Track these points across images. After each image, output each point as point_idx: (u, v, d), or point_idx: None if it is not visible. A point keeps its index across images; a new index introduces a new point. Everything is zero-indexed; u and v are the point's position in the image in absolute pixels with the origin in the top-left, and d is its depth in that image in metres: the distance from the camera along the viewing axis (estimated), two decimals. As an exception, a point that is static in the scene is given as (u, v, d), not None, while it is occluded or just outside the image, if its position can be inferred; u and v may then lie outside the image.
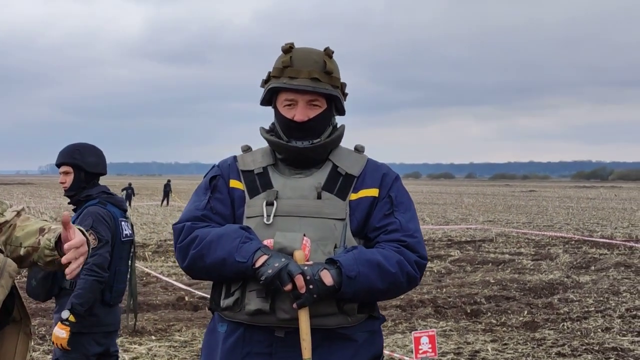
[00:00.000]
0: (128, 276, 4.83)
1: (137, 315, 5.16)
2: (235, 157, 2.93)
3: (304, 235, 2.67)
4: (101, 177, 4.72)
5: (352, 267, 2.60)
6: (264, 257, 2.58)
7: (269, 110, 2.93)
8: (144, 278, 12.78)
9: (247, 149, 2.95)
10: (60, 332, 4.29)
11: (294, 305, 2.57)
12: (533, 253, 16.72)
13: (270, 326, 2.67)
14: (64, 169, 4.58)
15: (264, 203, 2.75)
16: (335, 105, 2.87)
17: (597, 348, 7.82)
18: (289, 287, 2.54)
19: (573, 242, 19.06)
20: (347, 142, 2.93)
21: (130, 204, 40.19)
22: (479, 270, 13.95)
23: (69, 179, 4.58)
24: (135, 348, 7.71)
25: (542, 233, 21.63)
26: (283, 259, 2.56)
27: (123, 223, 4.62)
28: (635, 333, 8.59)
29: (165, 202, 42.21)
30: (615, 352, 7.65)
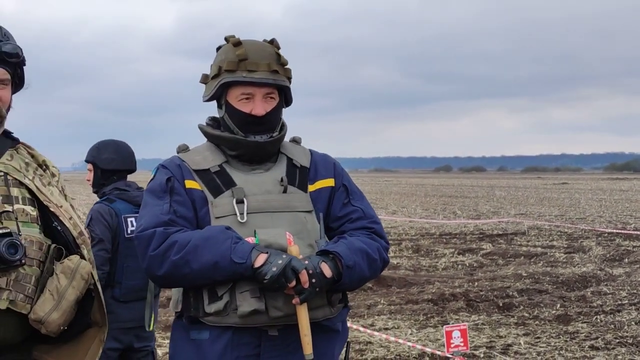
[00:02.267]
0: None
1: (152, 309, 5.14)
2: (180, 157, 2.80)
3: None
4: (135, 174, 4.75)
5: (349, 257, 2.62)
6: (264, 256, 2.51)
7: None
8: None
9: (185, 148, 2.85)
10: None
11: (294, 301, 2.53)
12: (566, 246, 16.59)
13: (261, 326, 2.62)
14: (88, 166, 4.72)
15: (234, 201, 2.66)
16: (285, 96, 2.83)
17: (630, 341, 7.77)
18: (293, 283, 2.50)
19: (606, 235, 18.88)
20: (376, 135, 2.94)
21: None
22: (511, 264, 13.87)
23: (91, 176, 4.70)
24: (168, 343, 7.78)
25: (575, 226, 21.44)
26: (284, 256, 2.52)
27: (131, 219, 4.51)
28: (670, 326, 8.52)
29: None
30: (650, 346, 7.59)
